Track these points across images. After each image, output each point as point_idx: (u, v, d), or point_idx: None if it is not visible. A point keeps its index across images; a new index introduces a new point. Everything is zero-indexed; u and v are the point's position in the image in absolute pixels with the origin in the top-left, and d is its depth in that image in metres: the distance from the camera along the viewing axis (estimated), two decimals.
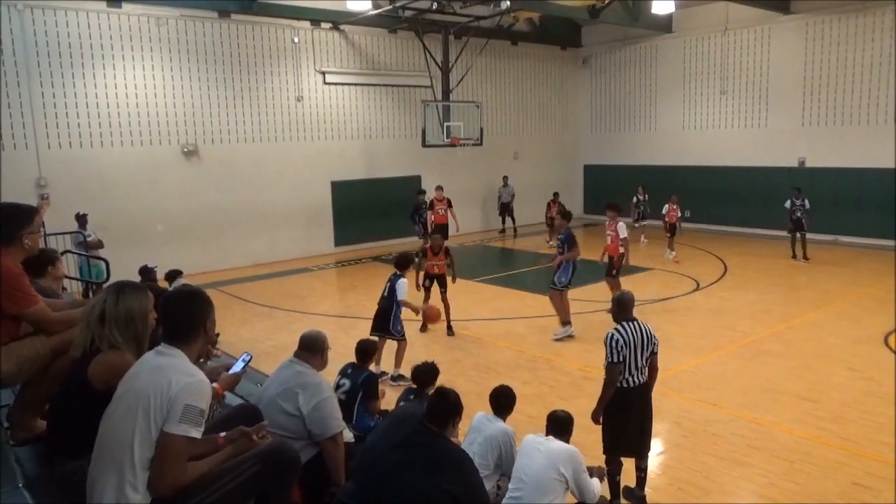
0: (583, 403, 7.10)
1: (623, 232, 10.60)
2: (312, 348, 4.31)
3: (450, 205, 16.30)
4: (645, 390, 5.20)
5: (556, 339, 9.71)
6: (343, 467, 3.96)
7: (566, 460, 4.13)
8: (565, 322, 9.88)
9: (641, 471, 5.31)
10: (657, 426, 6.96)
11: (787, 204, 15.15)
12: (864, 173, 17.03)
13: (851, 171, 17.22)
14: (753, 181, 19.07)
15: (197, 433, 2.72)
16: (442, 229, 15.01)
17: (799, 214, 15.01)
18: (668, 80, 21.00)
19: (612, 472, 5.14)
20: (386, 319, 8.14)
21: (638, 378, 5.10)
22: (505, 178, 20.44)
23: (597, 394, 5.16)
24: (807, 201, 14.87)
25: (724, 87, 19.55)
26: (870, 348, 9.09)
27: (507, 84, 21.57)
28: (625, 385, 5.07)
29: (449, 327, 10.14)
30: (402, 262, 8.50)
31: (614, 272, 10.81)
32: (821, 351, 9.03)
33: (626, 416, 5.12)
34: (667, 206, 15.91)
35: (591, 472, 4.41)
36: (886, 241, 16.52)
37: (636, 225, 17.64)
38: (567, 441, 4.39)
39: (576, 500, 4.30)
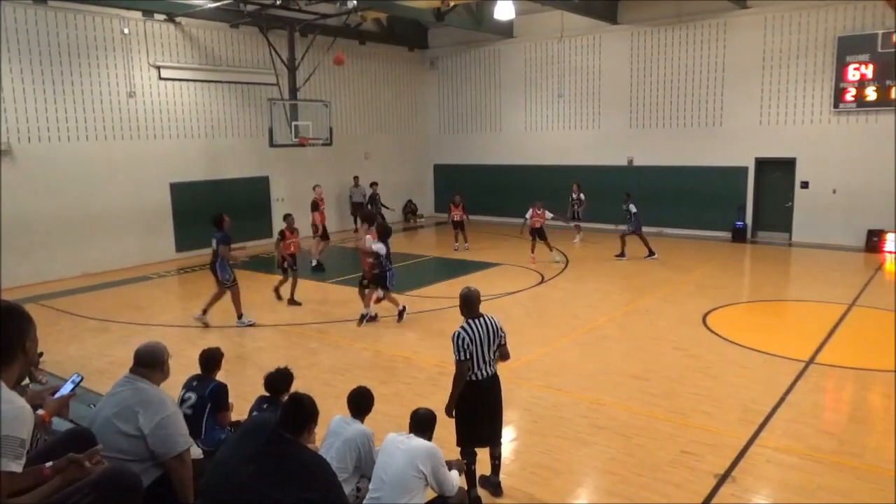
0: (440, 399, 7.24)
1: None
2: (150, 362, 3.95)
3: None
4: (494, 382, 5.34)
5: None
6: (191, 486, 3.75)
7: (425, 457, 4.19)
8: None
9: (495, 458, 5.47)
10: (509, 414, 7.27)
11: (625, 206, 16.15)
12: (683, 171, 18.93)
13: (672, 169, 19.07)
14: (590, 179, 20.45)
15: (17, 466, 2.44)
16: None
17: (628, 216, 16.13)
18: (511, 83, 21.98)
19: (468, 463, 5.28)
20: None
21: (486, 371, 5.25)
22: (356, 178, 20.32)
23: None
24: (632, 205, 15.85)
25: (562, 90, 20.81)
26: (692, 328, 10.10)
27: (355, 84, 21.47)
28: (474, 378, 5.21)
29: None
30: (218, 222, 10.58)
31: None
32: (651, 333, 9.89)
33: (477, 408, 5.26)
34: (531, 210, 15.43)
35: (451, 465, 4.50)
36: (702, 231, 18.55)
37: (571, 224, 17.77)
38: (429, 438, 4.45)
39: (436, 494, 4.37)
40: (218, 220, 10.78)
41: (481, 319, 5.26)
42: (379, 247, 10.31)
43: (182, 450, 3.75)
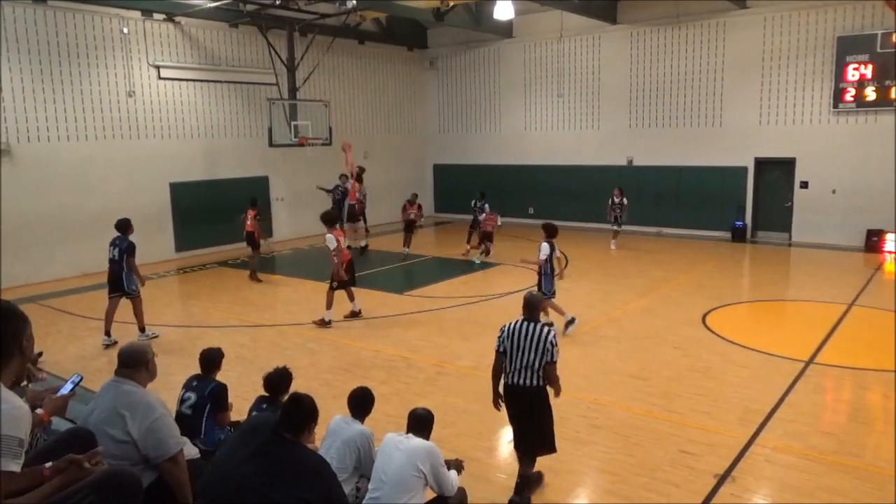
0: (440, 399, 7.29)
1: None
2: (133, 362, 3.84)
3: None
4: (528, 394, 5.13)
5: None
6: (188, 487, 3.70)
7: (424, 456, 4.19)
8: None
9: (519, 477, 5.22)
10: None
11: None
12: (682, 171, 18.93)
13: (672, 169, 19.07)
14: (589, 179, 20.48)
15: (16, 466, 2.43)
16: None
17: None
18: (511, 82, 21.97)
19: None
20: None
21: (520, 379, 5.10)
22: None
23: (451, 388, 5.29)
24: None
25: (561, 90, 20.81)
26: (691, 328, 10.10)
27: (355, 83, 21.45)
28: (508, 382, 5.16)
29: None
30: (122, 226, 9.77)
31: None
32: (650, 333, 9.89)
33: (510, 412, 5.25)
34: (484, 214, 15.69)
35: (449, 465, 4.50)
36: (702, 231, 18.55)
37: (615, 228, 16.96)
38: (427, 437, 4.45)
39: (435, 494, 4.38)
40: (123, 225, 9.84)
41: (530, 325, 5.14)
42: (545, 249, 9.79)
43: (175, 452, 3.68)
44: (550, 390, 5.22)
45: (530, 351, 5.05)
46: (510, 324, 5.22)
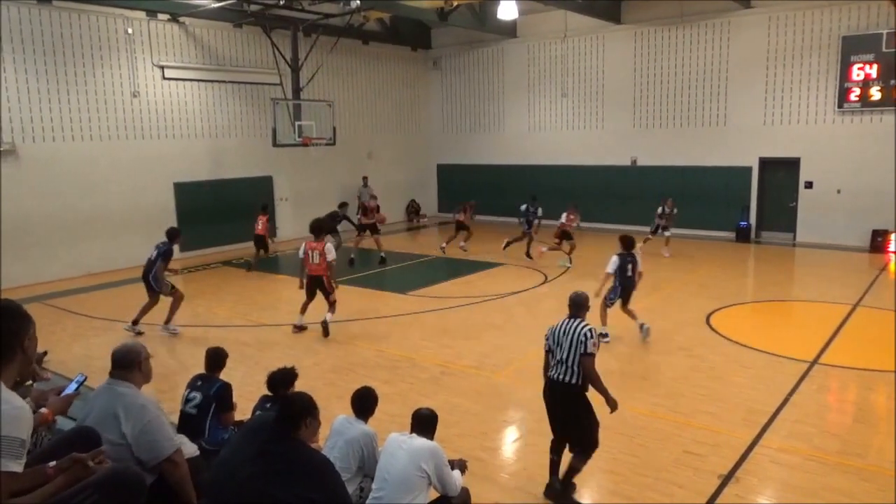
0: (443, 398, 7.29)
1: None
2: (125, 363, 3.81)
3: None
4: (562, 389, 5.17)
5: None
6: (190, 486, 3.68)
7: (427, 456, 4.18)
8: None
9: (569, 469, 5.30)
10: (512, 413, 7.29)
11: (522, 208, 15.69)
12: (686, 171, 18.88)
13: (676, 169, 19.03)
14: (593, 179, 20.44)
15: (17, 466, 2.43)
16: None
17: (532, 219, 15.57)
18: (515, 83, 21.95)
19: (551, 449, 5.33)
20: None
21: (559, 374, 5.16)
22: (364, 178, 20.34)
23: (454, 388, 5.29)
24: (540, 209, 15.49)
25: (565, 90, 20.79)
26: (695, 328, 10.08)
27: (359, 83, 21.47)
28: (550, 375, 5.27)
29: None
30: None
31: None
32: (654, 333, 9.85)
33: (547, 407, 5.35)
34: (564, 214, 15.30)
35: (453, 464, 4.50)
36: (706, 231, 18.51)
37: (652, 235, 16.12)
38: (431, 438, 4.44)
39: (438, 494, 4.37)
40: (173, 233, 10.57)
41: (571, 322, 5.25)
42: (613, 262, 9.48)
43: (169, 453, 3.63)
44: (598, 397, 5.17)
45: (566, 345, 5.13)
46: (555, 324, 5.32)
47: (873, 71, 15.90)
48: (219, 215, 17.41)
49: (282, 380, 5.18)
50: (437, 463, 4.21)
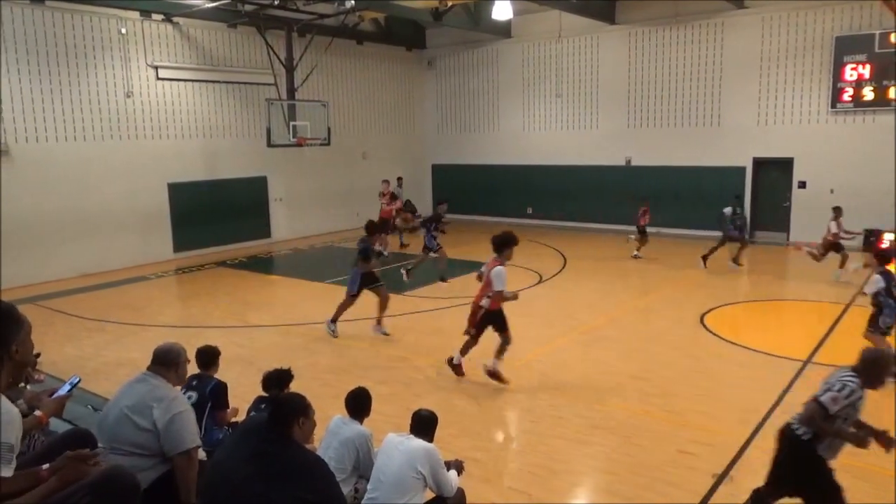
0: (439, 398, 7.29)
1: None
2: (166, 361, 4.11)
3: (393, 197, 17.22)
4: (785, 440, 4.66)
5: None
6: (195, 484, 3.75)
7: (423, 458, 4.18)
8: None
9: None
10: (509, 414, 7.29)
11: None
12: (680, 171, 18.93)
13: (670, 169, 19.07)
14: (587, 179, 20.47)
15: (7, 471, 2.41)
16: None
17: None
18: (509, 83, 21.96)
19: None
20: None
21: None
22: (399, 178, 20.32)
23: (450, 388, 5.28)
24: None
25: (560, 90, 20.81)
26: (690, 328, 10.11)
27: (353, 83, 21.44)
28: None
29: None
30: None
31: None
32: (649, 333, 9.90)
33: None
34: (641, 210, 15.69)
35: (449, 465, 4.49)
36: (700, 231, 18.50)
37: (746, 240, 15.18)
38: (430, 439, 4.43)
39: (434, 495, 4.37)
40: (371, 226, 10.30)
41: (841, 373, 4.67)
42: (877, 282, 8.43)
43: (190, 447, 3.80)
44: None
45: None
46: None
47: (866, 71, 15.96)
48: (213, 216, 17.37)
49: (277, 380, 5.17)
50: (432, 465, 4.20)
